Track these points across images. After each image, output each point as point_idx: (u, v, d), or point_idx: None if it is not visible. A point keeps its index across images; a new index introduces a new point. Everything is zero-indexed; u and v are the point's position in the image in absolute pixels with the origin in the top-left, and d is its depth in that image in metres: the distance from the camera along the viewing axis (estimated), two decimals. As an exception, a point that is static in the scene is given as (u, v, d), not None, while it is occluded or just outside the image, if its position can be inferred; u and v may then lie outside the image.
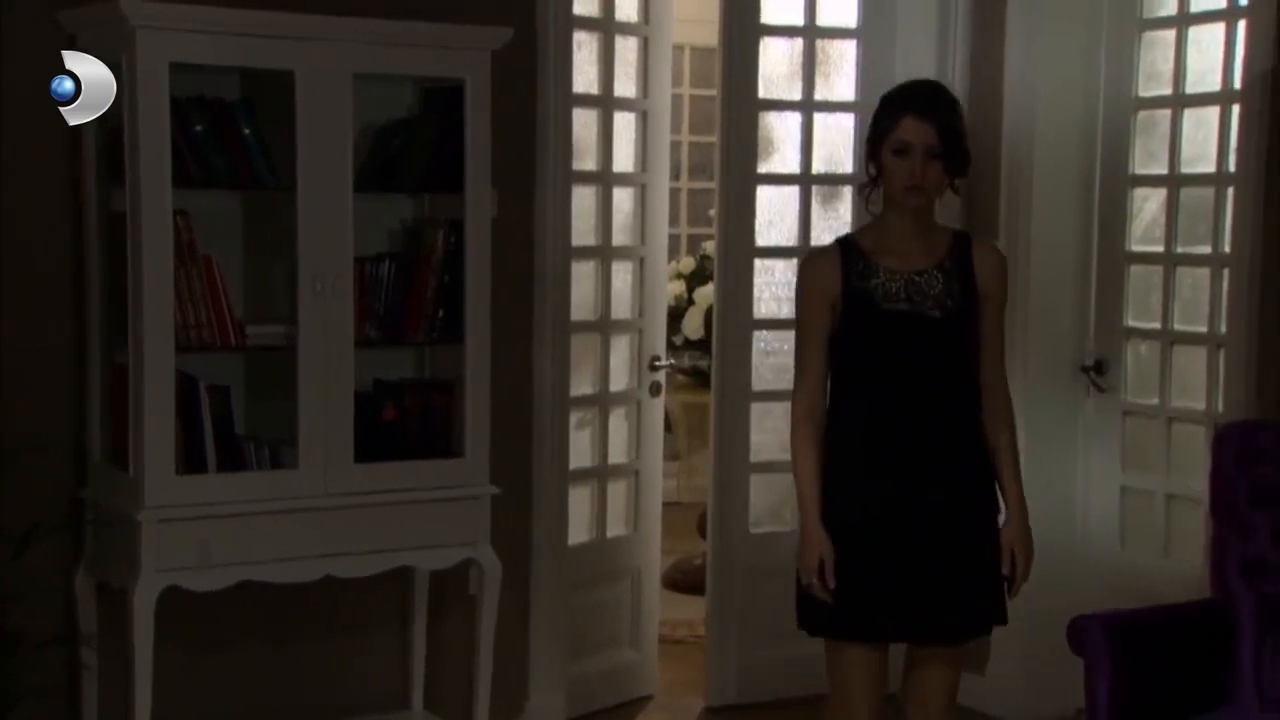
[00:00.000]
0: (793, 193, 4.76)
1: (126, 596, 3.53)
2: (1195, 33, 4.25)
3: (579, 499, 4.56)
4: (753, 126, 4.64)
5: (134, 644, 3.49)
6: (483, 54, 3.83)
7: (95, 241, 3.71)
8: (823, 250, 3.21)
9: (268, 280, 3.88)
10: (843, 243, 3.17)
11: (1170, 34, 4.32)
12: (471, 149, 3.86)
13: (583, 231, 4.50)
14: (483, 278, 3.92)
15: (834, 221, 4.84)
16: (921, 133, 3.02)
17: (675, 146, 7.24)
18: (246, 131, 3.68)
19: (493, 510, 3.96)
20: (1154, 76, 4.38)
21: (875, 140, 3.10)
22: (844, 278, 3.07)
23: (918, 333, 3.06)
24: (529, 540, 4.35)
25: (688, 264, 5.96)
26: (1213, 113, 4.20)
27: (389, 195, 3.98)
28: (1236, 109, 4.01)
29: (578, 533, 4.54)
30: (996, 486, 3.17)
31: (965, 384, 3.11)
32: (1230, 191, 4.08)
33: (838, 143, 4.79)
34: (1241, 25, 4.00)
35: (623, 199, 4.64)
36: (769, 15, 4.64)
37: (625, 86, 4.58)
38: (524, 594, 4.33)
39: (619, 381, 4.69)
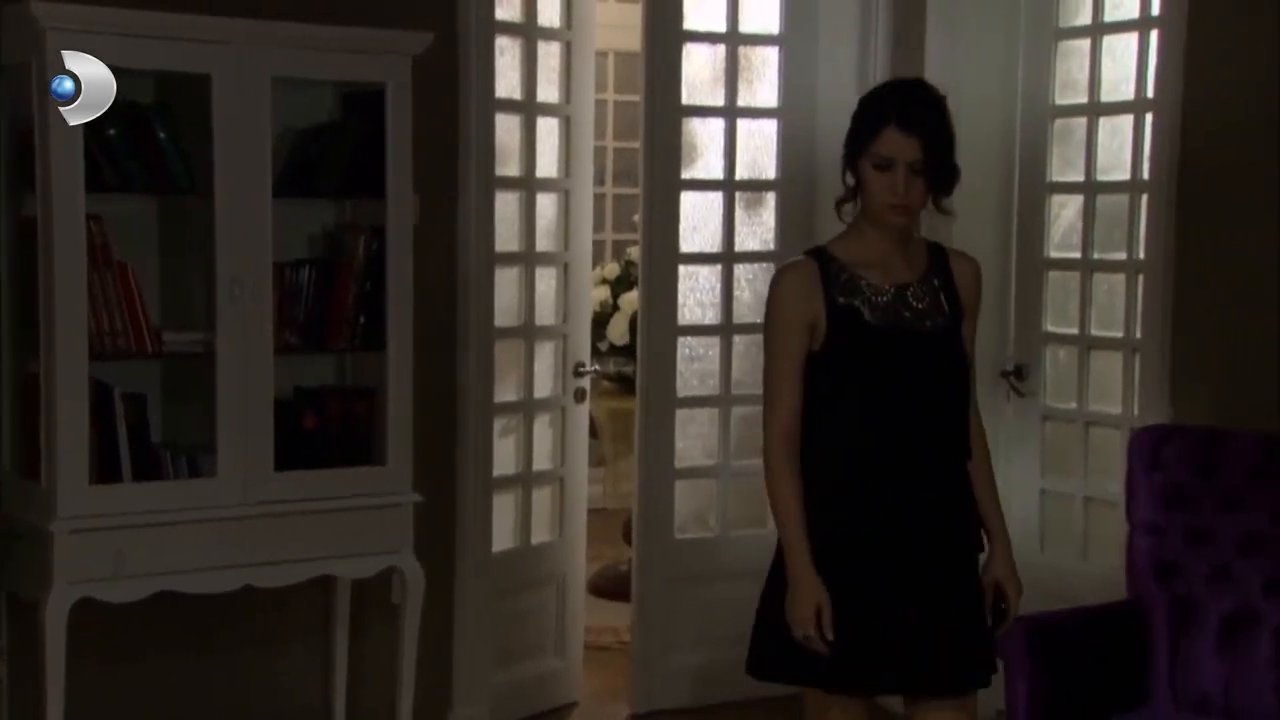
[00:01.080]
0: (716, 198, 4.77)
1: (38, 609, 3.46)
2: (1109, 42, 4.32)
3: (503, 506, 4.54)
4: (676, 132, 4.65)
5: (45, 657, 3.43)
6: (403, 59, 3.81)
7: (5, 247, 3.64)
8: (797, 264, 2.90)
9: (185, 286, 3.83)
10: (817, 255, 2.88)
11: (1085, 43, 4.37)
12: (393, 154, 3.84)
13: (506, 237, 4.48)
14: (404, 284, 3.90)
15: (758, 227, 4.86)
16: (905, 147, 2.76)
17: (600, 152, 7.24)
18: (162, 135, 3.64)
19: (416, 518, 3.94)
20: (1070, 85, 4.44)
21: (854, 150, 2.84)
22: (825, 294, 2.81)
23: (911, 350, 2.82)
24: (453, 548, 4.32)
25: (612, 270, 5.96)
26: (1127, 121, 4.26)
27: (309, 200, 3.95)
28: (1150, 117, 4.08)
29: (502, 540, 4.52)
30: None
31: (958, 403, 2.86)
32: (1144, 198, 4.15)
33: (761, 148, 4.81)
34: (1154, 35, 4.06)
35: (546, 205, 4.63)
36: (691, 21, 4.65)
37: (548, 92, 4.57)
38: (447, 602, 4.30)
39: (543, 388, 4.68)
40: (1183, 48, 3.85)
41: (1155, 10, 4.07)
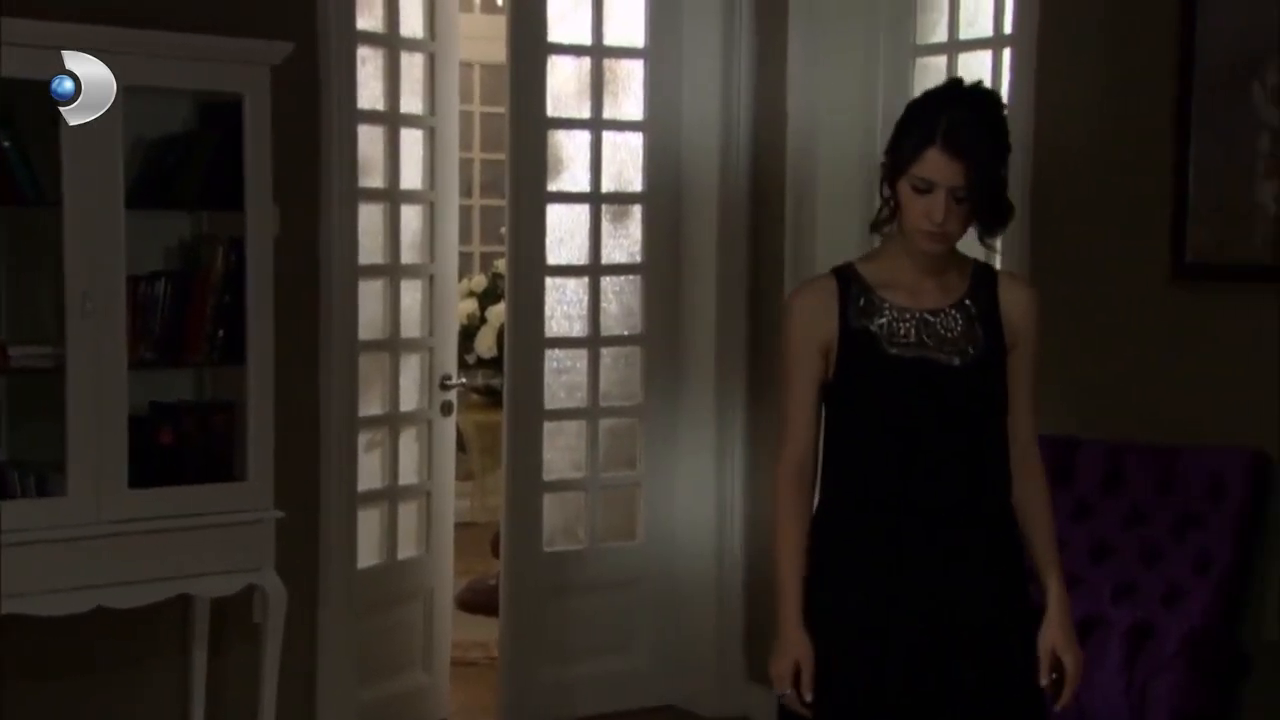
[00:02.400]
0: (583, 211, 4.78)
1: (-123, 634, 3.34)
2: (965, 59, 4.41)
3: (369, 521, 4.49)
4: (542, 145, 4.64)
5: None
6: (261, 68, 3.75)
7: None
8: (815, 281, 2.62)
9: (33, 299, 3.73)
10: (840, 273, 2.58)
11: (942, 60, 4.47)
12: (251, 165, 3.78)
13: (370, 249, 4.44)
14: (265, 297, 3.84)
15: (624, 240, 4.88)
16: (949, 172, 2.42)
17: (467, 164, 7.24)
18: (6, 144, 3.54)
19: (278, 534, 3.88)
20: (928, 101, 4.52)
21: (894, 166, 2.49)
22: (841, 315, 2.53)
23: (933, 384, 2.50)
24: (316, 564, 4.26)
25: (480, 282, 5.94)
26: (983, 136, 4.35)
27: (164, 212, 3.87)
28: (1005, 132, 4.17)
29: (368, 555, 4.46)
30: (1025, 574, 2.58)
31: (991, 447, 2.53)
32: (1001, 212, 4.23)
33: (627, 161, 4.83)
34: (1007, 52, 4.16)
35: (411, 216, 4.59)
36: (556, 34, 4.65)
37: (412, 103, 4.53)
38: (311, 619, 4.24)
39: (409, 401, 4.63)
40: (1033, 65, 3.95)
41: (1008, 29, 4.17)
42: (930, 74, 4.52)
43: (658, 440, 4.87)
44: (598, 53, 4.72)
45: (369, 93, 4.39)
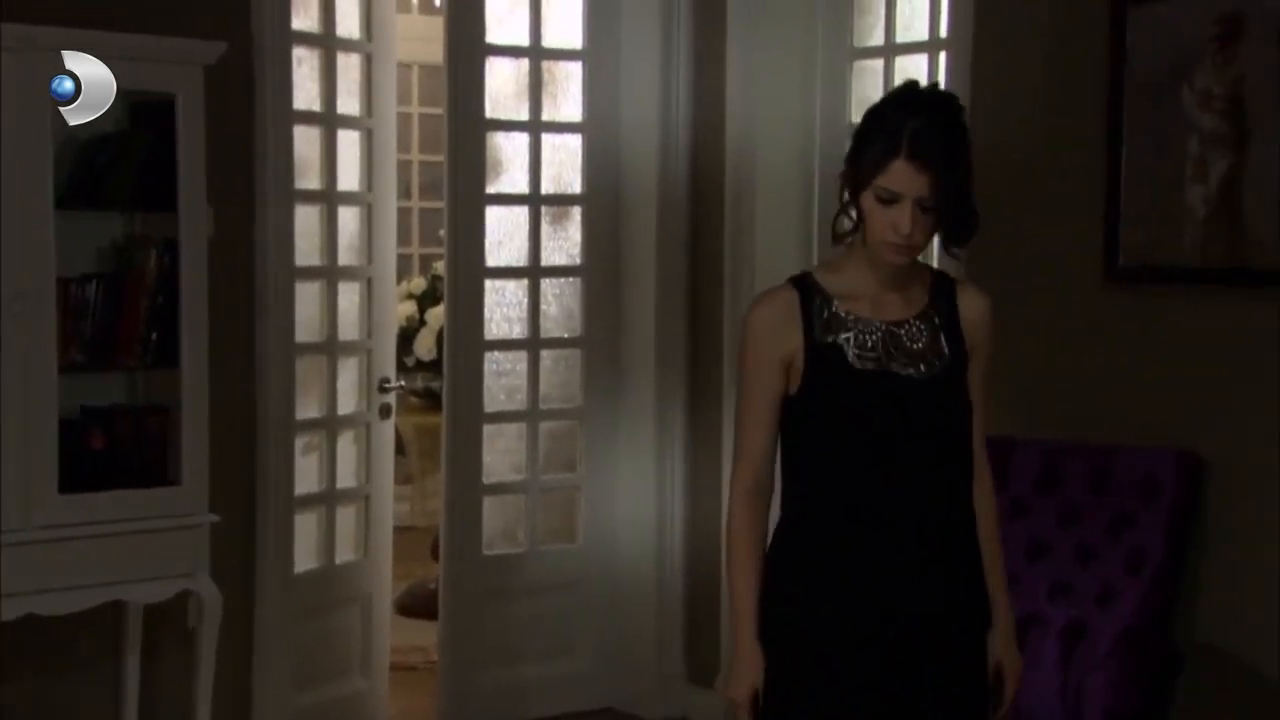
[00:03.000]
0: (522, 213, 4.76)
1: None
2: (902, 62, 4.44)
3: (306, 525, 4.45)
4: (480, 146, 4.63)
5: None
6: (194, 68, 3.72)
7: None
8: (776, 293, 2.51)
9: (-39, 302, 3.66)
10: (800, 283, 2.49)
11: (879, 64, 4.49)
12: (184, 166, 3.74)
13: (307, 251, 4.40)
14: (199, 299, 3.80)
15: (564, 242, 4.87)
16: (915, 183, 2.34)
17: (406, 165, 7.20)
18: (-66, 144, 3.48)
19: (213, 539, 3.84)
20: (866, 104, 4.48)
21: (856, 176, 2.41)
22: (805, 329, 2.45)
23: (898, 397, 2.44)
24: (252, 569, 4.22)
25: (419, 284, 5.91)
26: (920, 139, 4.38)
27: (96, 213, 3.82)
28: (941, 136, 4.20)
29: (305, 560, 4.43)
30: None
31: (957, 458, 2.50)
32: (937, 214, 4.27)
33: (566, 163, 4.82)
34: (943, 56, 4.19)
35: (348, 218, 4.56)
36: (494, 35, 4.64)
37: (349, 104, 4.50)
38: (247, 625, 4.20)
39: (347, 404, 4.60)
40: (969, 68, 3.99)
41: (944, 33, 4.20)
42: (868, 77, 4.54)
43: (598, 442, 4.86)
44: (536, 54, 4.71)
45: (305, 93, 4.35)
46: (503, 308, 4.79)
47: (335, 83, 4.43)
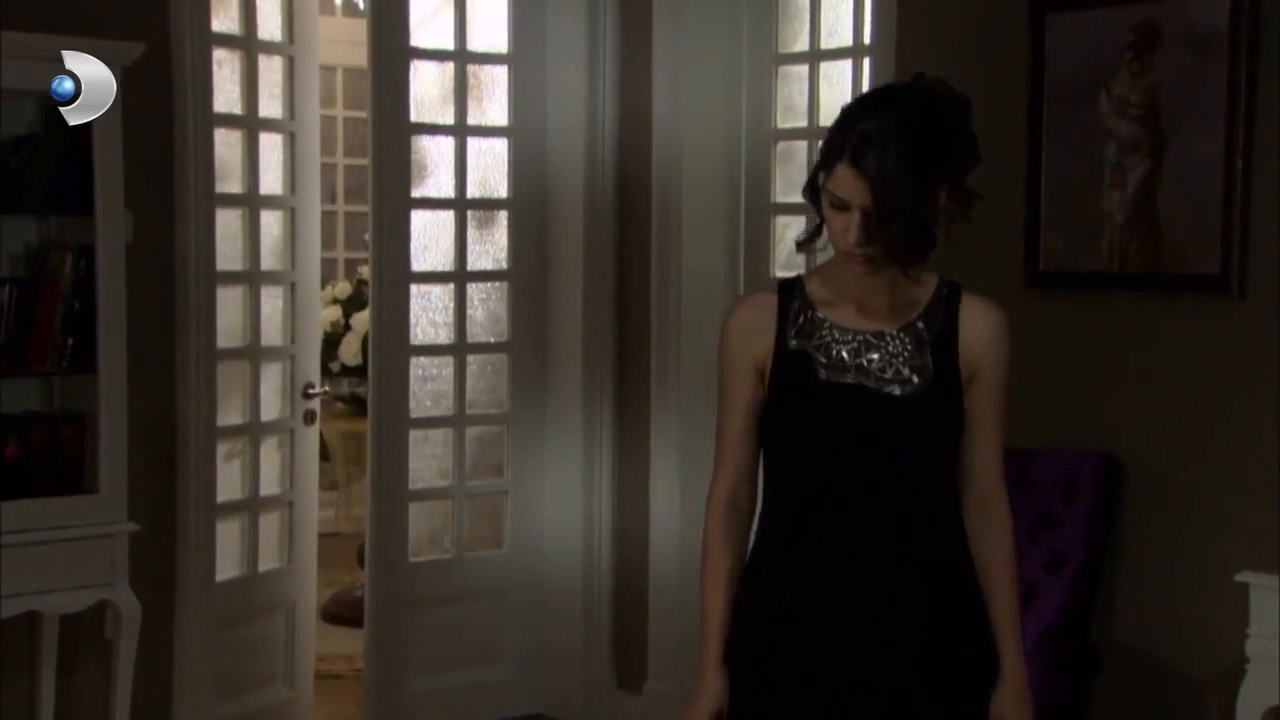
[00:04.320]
0: (448, 217, 4.74)
1: None
2: (826, 68, 4.46)
3: (229, 532, 4.40)
4: (405, 150, 4.59)
5: None
6: (111, 70, 3.64)
7: None
8: (754, 297, 2.38)
9: None
10: (785, 287, 2.34)
11: (804, 69, 4.51)
12: (101, 169, 3.69)
13: (229, 256, 4.35)
14: (116, 304, 3.75)
15: (490, 246, 4.85)
16: (856, 191, 2.17)
17: (330, 169, 7.15)
18: None
19: (133, 548, 3.79)
20: (791, 109, 4.57)
21: (812, 178, 2.26)
22: (778, 334, 2.29)
23: (868, 414, 2.24)
24: (173, 578, 4.16)
25: (344, 289, 5.86)
26: (844, 145, 4.40)
27: (10, 217, 3.76)
28: (865, 141, 4.22)
29: (227, 568, 4.37)
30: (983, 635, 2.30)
31: (936, 487, 2.27)
32: (862, 219, 4.29)
33: (491, 167, 4.80)
34: (866, 62, 4.22)
35: (271, 222, 4.51)
36: (419, 38, 4.61)
37: (271, 107, 4.45)
38: (167, 634, 4.14)
39: (271, 410, 4.55)
40: (892, 74, 4.01)
41: (867, 39, 4.22)
42: (792, 82, 4.56)
43: (525, 448, 4.84)
44: (461, 58, 4.68)
45: (226, 96, 4.30)
46: (429, 312, 4.76)
47: (257, 85, 4.38)
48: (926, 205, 2.19)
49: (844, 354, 2.27)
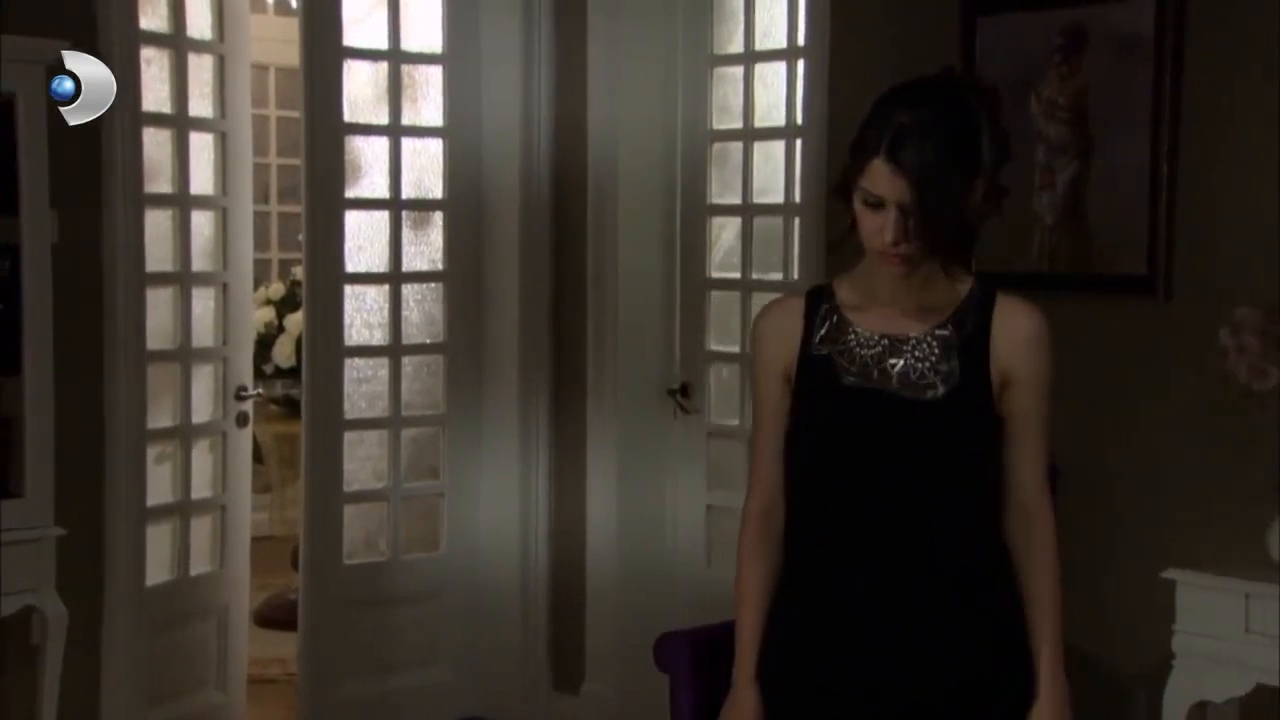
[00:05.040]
0: (383, 217, 4.71)
1: None
2: (761, 69, 4.47)
3: (159, 536, 4.35)
4: (339, 150, 4.56)
5: None
6: (35, 67, 3.61)
7: None
8: (783, 301, 2.33)
9: None
10: (815, 291, 2.30)
11: (739, 70, 4.52)
12: (26, 168, 3.65)
13: (159, 257, 4.30)
14: (42, 305, 3.71)
15: (425, 247, 4.82)
16: (894, 186, 2.09)
17: (263, 169, 7.09)
18: None
19: (60, 553, 3.75)
20: (726, 110, 4.58)
21: (844, 176, 2.17)
22: (804, 338, 2.24)
23: (892, 422, 2.17)
24: (101, 583, 4.11)
25: (278, 290, 5.81)
26: (779, 146, 4.42)
27: (-68, 217, 3.69)
28: (800, 142, 4.24)
29: (157, 572, 4.32)
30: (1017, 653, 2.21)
31: (964, 497, 2.18)
32: (796, 221, 4.31)
33: (427, 167, 4.78)
34: (801, 64, 4.23)
35: (202, 222, 4.47)
36: (352, 38, 4.58)
37: (201, 106, 4.41)
38: (95, 640, 4.08)
39: (202, 413, 4.50)
40: (826, 76, 4.03)
41: (801, 40, 4.24)
42: (728, 83, 4.57)
43: (461, 449, 4.82)
44: (395, 57, 4.66)
45: (155, 95, 4.25)
46: (363, 313, 4.73)
47: (186, 84, 4.33)
48: (965, 200, 2.13)
49: (868, 359, 2.20)
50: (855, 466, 2.18)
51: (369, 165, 4.70)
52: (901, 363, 2.19)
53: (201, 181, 4.44)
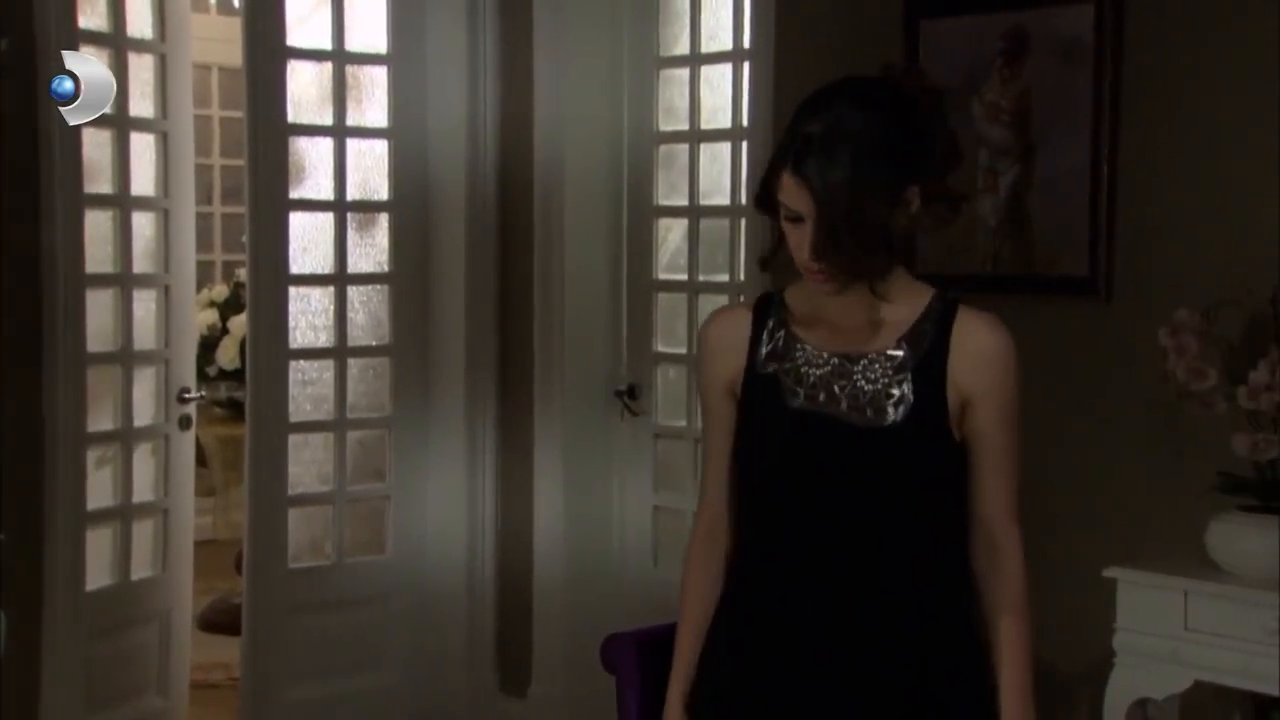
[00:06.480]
0: (327, 219, 4.68)
1: None
2: (707, 71, 4.47)
3: (100, 540, 4.30)
4: (282, 151, 4.53)
5: None
6: (-29, 66, 3.56)
7: None
8: (730, 311, 2.23)
9: None
10: (764, 301, 2.15)
11: (685, 72, 4.52)
12: (-38, 168, 3.58)
13: (99, 258, 4.25)
14: (-21, 307, 3.65)
15: (371, 249, 4.79)
16: (799, 197, 1.96)
17: (207, 170, 7.04)
18: None
19: (-2, 558, 3.69)
20: (672, 112, 4.58)
21: (763, 188, 2.05)
22: (750, 354, 2.10)
23: (838, 446, 2.03)
24: (40, 588, 4.05)
25: (221, 292, 5.77)
26: (725, 148, 4.43)
27: None
28: (746, 144, 4.25)
29: (98, 577, 4.27)
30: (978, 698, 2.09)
31: (917, 526, 2.04)
32: (743, 223, 4.32)
33: (372, 168, 4.75)
34: (746, 66, 4.24)
35: (144, 224, 4.42)
36: (295, 38, 4.54)
37: (142, 106, 4.36)
38: (35, 645, 4.03)
39: (144, 415, 4.45)
40: (771, 79, 4.04)
41: (746, 42, 4.25)
42: (674, 85, 4.58)
43: (407, 452, 4.80)
44: (339, 58, 4.63)
45: (95, 94, 4.20)
46: (308, 315, 4.69)
47: (127, 84, 4.29)
48: (882, 213, 1.95)
49: (816, 379, 2.05)
50: (802, 492, 2.05)
51: (313, 166, 4.67)
52: (851, 385, 2.04)
53: (143, 182, 4.40)
